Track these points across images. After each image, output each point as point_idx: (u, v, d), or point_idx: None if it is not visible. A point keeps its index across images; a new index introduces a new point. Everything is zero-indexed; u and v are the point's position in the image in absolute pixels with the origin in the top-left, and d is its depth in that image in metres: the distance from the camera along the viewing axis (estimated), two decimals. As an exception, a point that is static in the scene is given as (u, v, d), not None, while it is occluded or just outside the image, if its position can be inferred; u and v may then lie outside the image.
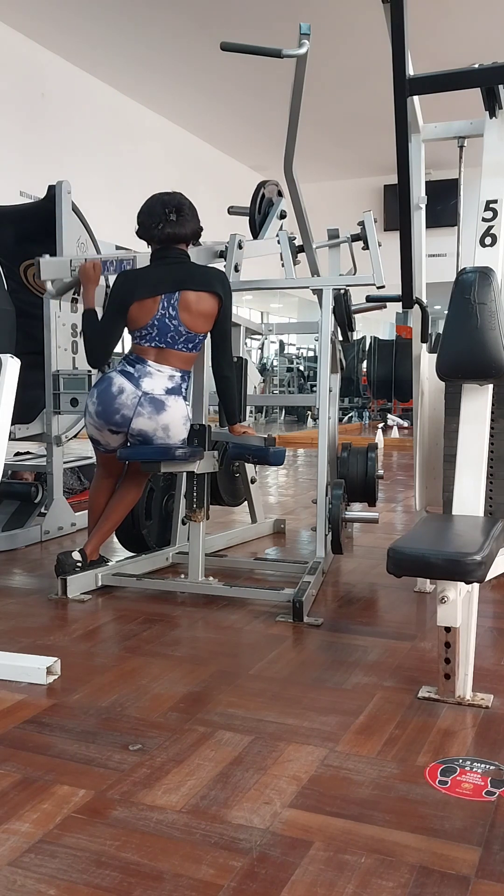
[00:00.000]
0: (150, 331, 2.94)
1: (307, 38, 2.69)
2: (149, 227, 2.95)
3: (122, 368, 2.96)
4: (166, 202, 2.95)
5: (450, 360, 2.25)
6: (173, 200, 2.96)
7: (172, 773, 1.66)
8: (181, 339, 2.94)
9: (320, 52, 6.32)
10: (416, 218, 2.87)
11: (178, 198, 2.98)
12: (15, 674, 2.16)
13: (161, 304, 2.92)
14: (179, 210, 2.94)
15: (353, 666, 2.28)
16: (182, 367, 2.98)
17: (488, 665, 2.28)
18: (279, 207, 3.85)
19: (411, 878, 1.31)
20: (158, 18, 7.68)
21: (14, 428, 3.84)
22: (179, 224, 2.94)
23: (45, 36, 8.00)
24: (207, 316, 2.95)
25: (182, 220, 2.95)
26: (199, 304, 2.92)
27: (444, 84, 2.22)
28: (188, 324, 2.92)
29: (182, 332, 2.93)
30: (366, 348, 14.18)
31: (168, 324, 2.92)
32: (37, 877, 1.32)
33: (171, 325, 2.92)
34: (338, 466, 3.77)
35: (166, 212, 2.92)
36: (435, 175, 6.96)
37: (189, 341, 2.96)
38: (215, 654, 2.39)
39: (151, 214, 2.95)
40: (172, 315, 2.92)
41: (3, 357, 2.28)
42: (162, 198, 2.98)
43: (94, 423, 2.98)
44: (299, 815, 1.50)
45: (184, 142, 11.03)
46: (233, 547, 3.86)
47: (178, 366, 2.97)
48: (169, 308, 2.92)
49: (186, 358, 2.99)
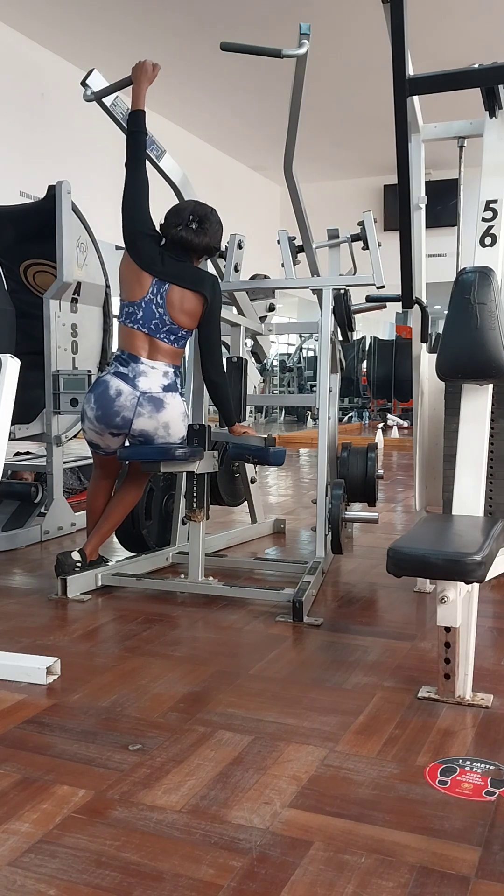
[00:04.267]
0: (136, 311, 2.96)
1: (307, 38, 2.69)
2: (169, 225, 3.00)
3: (116, 370, 2.97)
4: (195, 210, 2.99)
5: (450, 360, 2.25)
6: (202, 210, 3.01)
7: (172, 773, 1.66)
8: (164, 329, 2.96)
9: (320, 52, 6.32)
10: (416, 218, 2.87)
11: (207, 210, 3.02)
12: (15, 674, 2.16)
13: (151, 288, 2.95)
14: (202, 221, 2.98)
15: (353, 666, 2.28)
16: (171, 363, 3.01)
17: (488, 665, 2.27)
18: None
19: (411, 878, 1.31)
20: (158, 18, 7.67)
21: (14, 428, 3.84)
22: (196, 233, 2.97)
23: (45, 36, 7.99)
24: (191, 314, 2.97)
25: (200, 231, 2.98)
26: (183, 301, 2.95)
27: (444, 84, 2.22)
28: (172, 316, 2.95)
29: (166, 322, 2.95)
30: (366, 348, 14.18)
31: (154, 311, 2.95)
32: (37, 877, 1.32)
33: (156, 312, 2.95)
34: (338, 466, 3.77)
35: (190, 218, 2.97)
36: (435, 175, 6.97)
37: (172, 333, 2.97)
38: (215, 654, 2.39)
39: (177, 214, 3.00)
40: (160, 303, 2.95)
41: (3, 357, 2.28)
42: (194, 204, 3.03)
43: (95, 427, 2.98)
44: (299, 815, 1.50)
45: (184, 142, 11.02)
46: (233, 547, 3.86)
47: (168, 361, 2.99)
48: (157, 296, 2.95)
49: (172, 352, 3.00)
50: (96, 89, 3.00)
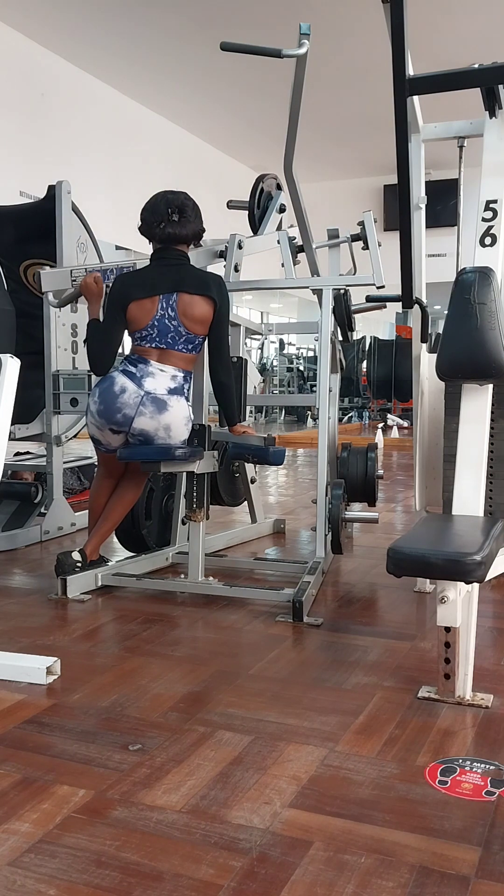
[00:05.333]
0: (150, 332, 2.95)
1: (307, 38, 2.68)
2: (150, 225, 2.97)
3: (124, 368, 2.97)
4: (170, 201, 2.96)
5: (449, 360, 2.25)
6: (177, 200, 2.97)
7: (172, 773, 1.66)
8: (181, 340, 2.94)
9: (320, 52, 6.32)
10: (416, 218, 2.86)
11: (181, 198, 2.99)
12: (15, 674, 2.16)
13: (160, 304, 2.93)
14: (182, 210, 2.96)
15: (353, 666, 2.28)
16: (184, 368, 2.99)
17: (488, 665, 2.27)
18: (278, 201, 3.82)
19: (411, 878, 1.31)
20: (159, 18, 7.68)
21: (14, 428, 3.84)
22: (181, 224, 2.95)
23: (45, 36, 8.00)
24: (202, 320, 2.96)
25: (184, 221, 2.96)
26: (193, 308, 2.93)
27: (444, 84, 2.22)
28: (187, 325, 2.94)
29: (182, 333, 2.94)
30: (366, 348, 14.18)
31: (168, 324, 2.93)
32: (37, 877, 1.32)
33: (170, 325, 2.93)
34: (338, 466, 3.77)
35: (169, 211, 2.94)
36: (435, 175, 6.96)
37: (189, 342, 2.96)
38: (215, 654, 2.39)
39: (154, 212, 2.97)
40: (172, 316, 2.93)
41: (3, 357, 2.28)
42: (166, 196, 2.99)
43: (96, 422, 2.98)
44: (299, 815, 1.50)
45: (184, 142, 11.02)
46: (233, 547, 3.86)
47: (180, 366, 2.98)
48: (168, 309, 2.93)
49: (188, 359, 3.00)
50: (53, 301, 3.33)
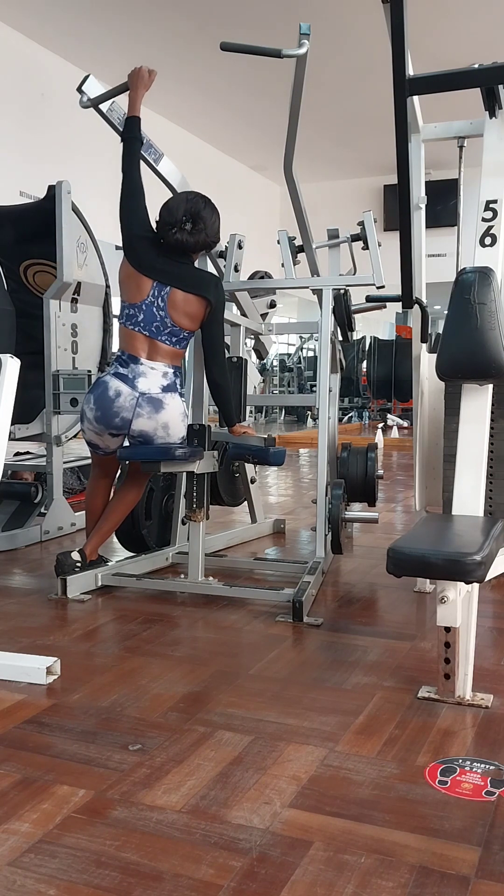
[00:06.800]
0: (137, 314, 2.95)
1: (307, 38, 2.68)
2: (164, 226, 2.96)
3: (116, 371, 2.97)
4: (187, 209, 2.93)
5: (449, 360, 2.25)
6: (194, 208, 2.94)
7: (172, 773, 1.66)
8: (165, 331, 2.95)
9: (320, 52, 6.31)
10: (416, 218, 2.87)
11: (199, 205, 2.95)
12: (15, 674, 2.16)
13: (152, 291, 2.94)
14: (195, 219, 2.93)
15: (353, 666, 2.28)
16: (172, 363, 3.00)
17: (488, 665, 2.27)
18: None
19: (411, 878, 1.31)
20: (158, 18, 7.67)
21: (14, 428, 3.84)
22: (191, 234, 2.94)
23: (45, 36, 7.99)
24: (193, 317, 2.97)
25: (195, 231, 2.94)
26: (185, 305, 2.94)
27: (444, 84, 2.22)
28: (174, 318, 2.94)
29: (167, 325, 2.94)
30: (366, 348, 14.18)
31: (155, 313, 2.94)
32: (37, 877, 1.32)
33: (157, 314, 2.94)
34: (338, 466, 3.77)
35: (184, 219, 2.92)
36: (435, 175, 6.96)
37: (173, 335, 2.96)
38: (215, 654, 2.39)
39: (171, 213, 2.95)
40: (161, 306, 2.94)
41: (3, 357, 2.28)
42: (188, 198, 2.96)
43: (94, 428, 2.98)
44: (299, 815, 1.50)
45: (184, 142, 11.01)
46: (233, 547, 3.86)
47: (168, 362, 2.98)
48: (158, 299, 2.94)
49: (173, 353, 3.00)
50: (92, 95, 3.00)
